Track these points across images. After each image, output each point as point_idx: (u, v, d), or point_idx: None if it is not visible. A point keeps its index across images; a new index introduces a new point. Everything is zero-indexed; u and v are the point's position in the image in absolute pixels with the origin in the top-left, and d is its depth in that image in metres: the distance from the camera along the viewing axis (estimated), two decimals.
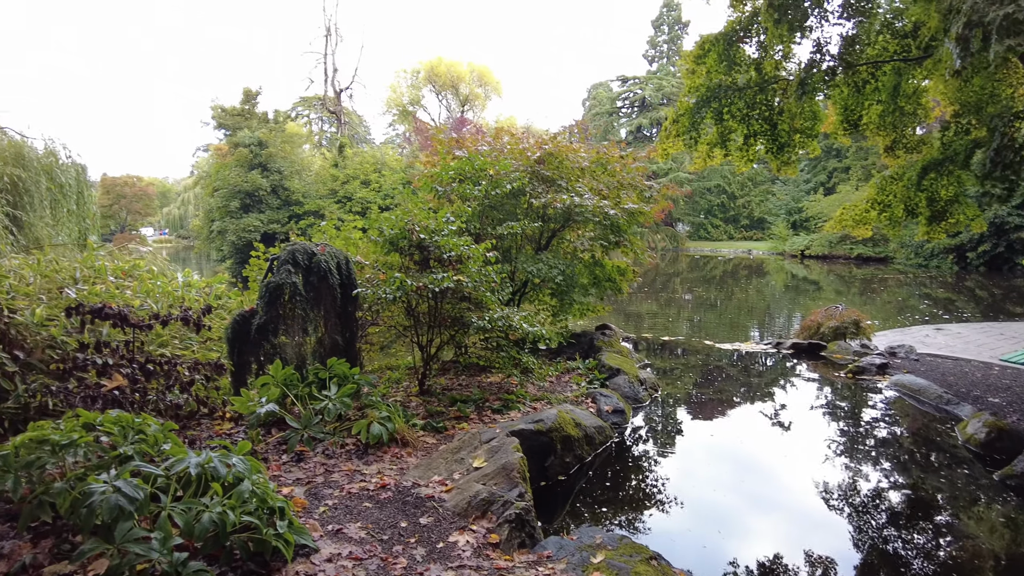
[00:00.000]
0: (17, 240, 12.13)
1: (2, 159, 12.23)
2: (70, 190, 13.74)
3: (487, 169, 8.37)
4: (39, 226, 13.06)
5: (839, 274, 29.51)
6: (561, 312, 9.53)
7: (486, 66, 53.91)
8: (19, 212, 12.32)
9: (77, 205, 13.88)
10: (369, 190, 29.52)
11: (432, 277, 5.70)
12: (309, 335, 5.85)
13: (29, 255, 10.88)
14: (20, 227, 12.41)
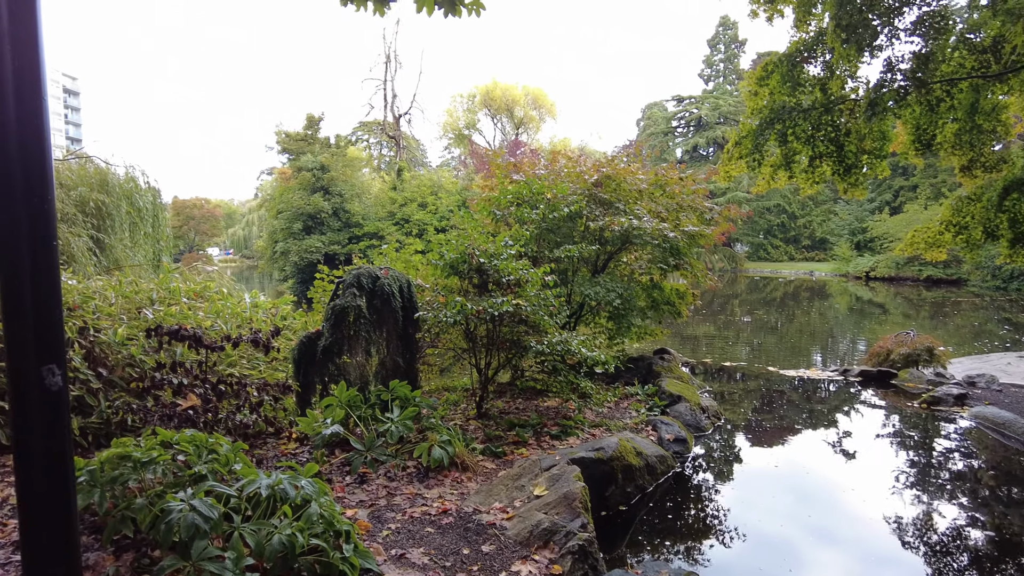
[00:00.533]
0: (100, 261, 12.84)
1: (89, 186, 13.02)
2: (147, 213, 14.50)
3: (544, 193, 8.41)
4: (119, 248, 13.80)
5: (907, 297, 28.27)
6: (618, 335, 9.42)
7: (540, 89, 54.51)
8: (102, 235, 13.06)
9: (153, 228, 14.62)
10: (426, 212, 30.07)
11: (491, 301, 5.74)
12: (372, 356, 5.96)
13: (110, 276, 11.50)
14: (102, 249, 13.14)
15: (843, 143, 8.45)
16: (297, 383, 5.39)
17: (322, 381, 5.76)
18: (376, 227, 30.11)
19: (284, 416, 5.53)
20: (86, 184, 13.17)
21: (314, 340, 5.69)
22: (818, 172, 9.05)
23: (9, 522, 3.73)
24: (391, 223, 30.37)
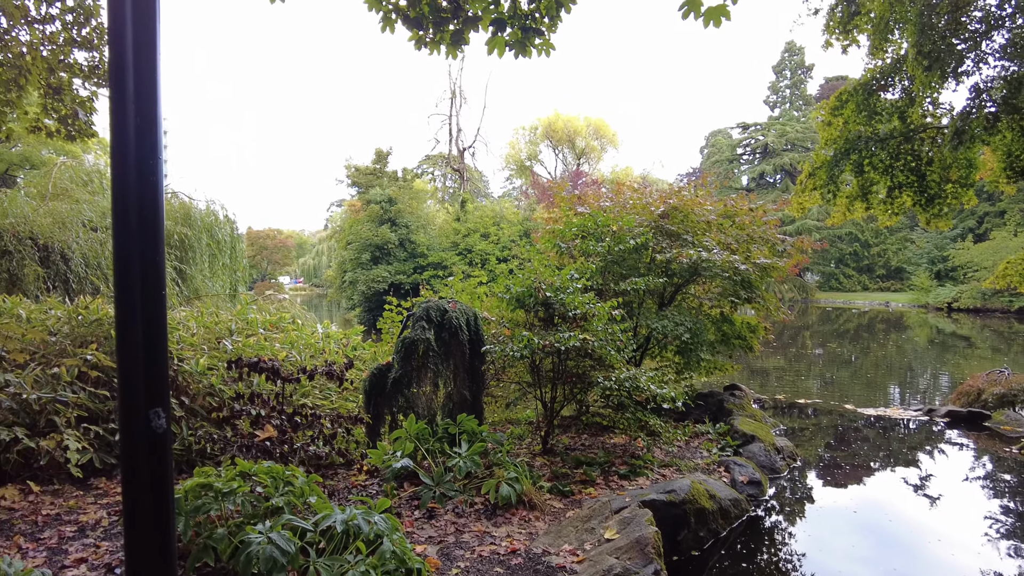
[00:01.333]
0: (181, 291, 13.54)
1: (174, 219, 13.81)
2: (225, 245, 15.24)
3: (610, 225, 8.37)
4: (198, 278, 14.53)
5: (996, 330, 26.51)
6: (686, 370, 9.20)
7: (602, 119, 54.71)
8: (184, 266, 13.78)
9: (230, 259, 15.33)
10: (488, 242, 30.44)
11: (558, 336, 5.71)
12: (439, 389, 6.01)
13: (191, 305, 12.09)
14: (184, 279, 13.86)
15: (925, 172, 8.08)
16: (368, 415, 5.48)
17: (391, 412, 5.83)
18: (440, 257, 30.66)
19: (355, 448, 5.62)
20: (172, 218, 13.96)
21: (384, 372, 5.79)
22: (897, 203, 8.67)
23: (101, 544, 3.91)
24: (454, 253, 30.87)
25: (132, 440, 1.58)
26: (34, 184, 16.49)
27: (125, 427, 1.59)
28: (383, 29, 5.09)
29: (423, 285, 11.47)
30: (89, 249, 11.94)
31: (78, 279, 11.77)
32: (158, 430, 1.59)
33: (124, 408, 1.59)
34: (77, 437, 5.02)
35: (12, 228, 11.31)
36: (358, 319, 31.25)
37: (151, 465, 1.60)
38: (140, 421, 1.57)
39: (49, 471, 4.97)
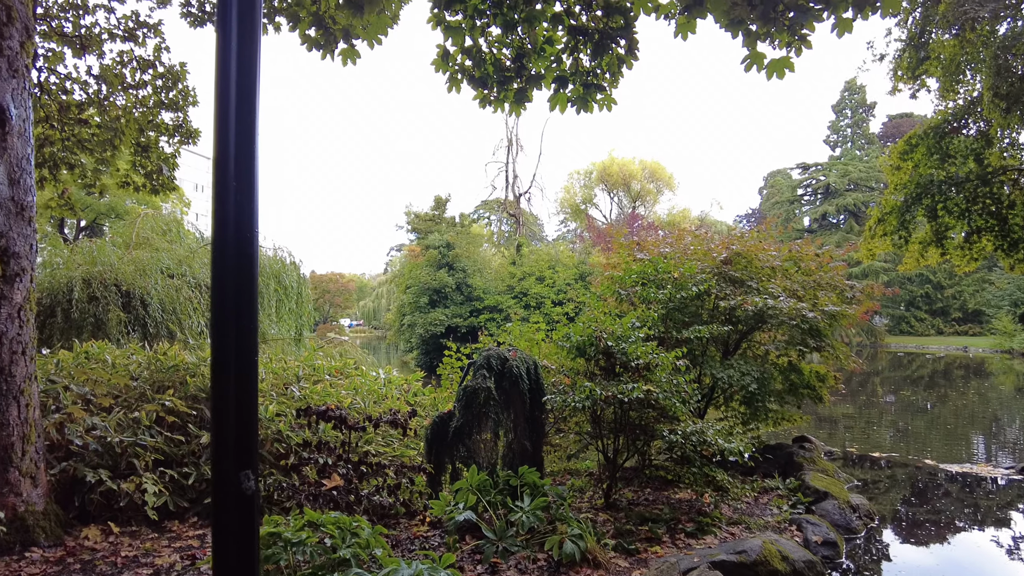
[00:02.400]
0: None
1: None
2: (291, 290, 15.79)
3: (671, 272, 8.29)
4: (265, 322, 15.06)
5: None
6: (752, 420, 8.89)
7: (657, 162, 54.70)
8: None
9: (296, 304, 15.86)
10: (543, 286, 30.53)
11: (621, 387, 5.63)
12: (500, 439, 5.99)
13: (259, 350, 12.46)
14: None
15: (1006, 216, 7.70)
16: (430, 464, 5.49)
17: (452, 462, 5.84)
18: (496, 300, 30.90)
19: (417, 498, 5.62)
20: None
21: (446, 421, 5.82)
22: (976, 248, 8.28)
23: None
24: (510, 296, 31.06)
25: (223, 499, 1.65)
26: (119, 233, 17.60)
27: (218, 487, 1.66)
28: (449, 89, 5.29)
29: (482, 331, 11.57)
30: (166, 295, 12.58)
31: (155, 323, 12.38)
32: (247, 492, 1.65)
33: (217, 470, 1.67)
34: (154, 480, 5.21)
35: (100, 275, 12.05)
36: (416, 362, 31.63)
37: (239, 523, 1.66)
38: (231, 482, 1.64)
39: (128, 512, 5.16)
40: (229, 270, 1.67)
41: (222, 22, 1.73)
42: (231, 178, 1.67)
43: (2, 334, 4.50)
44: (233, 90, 1.69)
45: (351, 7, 5.33)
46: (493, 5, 5.18)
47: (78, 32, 10.08)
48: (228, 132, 1.69)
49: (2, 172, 4.62)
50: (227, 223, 1.67)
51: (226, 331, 1.66)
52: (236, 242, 1.67)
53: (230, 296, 1.66)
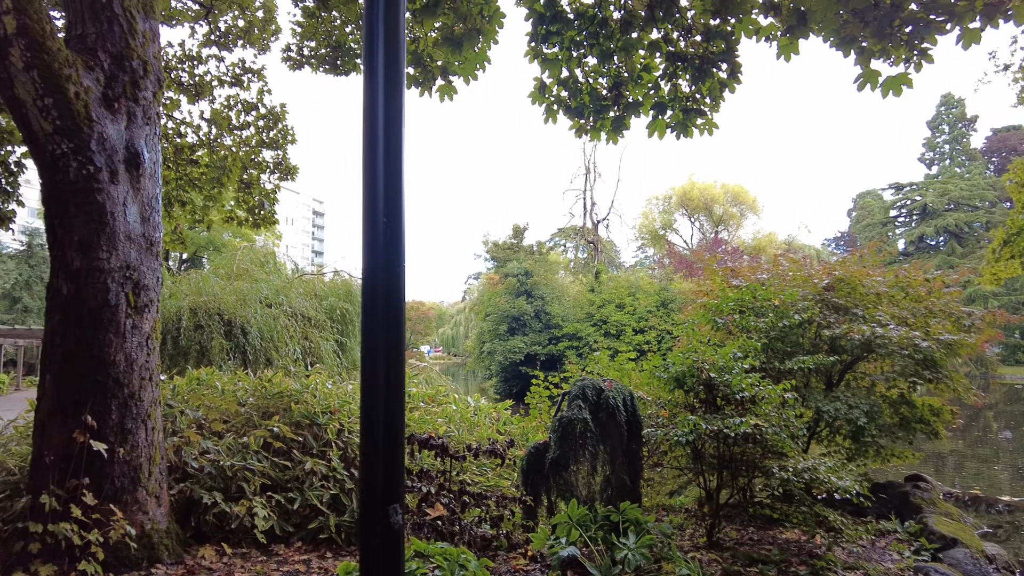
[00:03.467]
0: (341, 362, 14.52)
1: (337, 295, 15.00)
2: None
3: (771, 299, 7.96)
4: (356, 350, 15.52)
5: None
6: (858, 456, 8.34)
7: (740, 185, 53.34)
8: (344, 339, 14.82)
9: None
10: (624, 313, 30.09)
11: (728, 421, 5.40)
12: (597, 473, 5.85)
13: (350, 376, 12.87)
14: (344, 351, 14.88)
15: None
16: (530, 496, 5.42)
17: (548, 495, 5.74)
18: (575, 328, 30.68)
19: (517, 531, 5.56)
20: (335, 294, 15.18)
21: (542, 452, 5.74)
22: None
23: None
24: (589, 324, 30.77)
25: (372, 532, 1.65)
26: (220, 265, 18.69)
27: (366, 520, 1.67)
28: (546, 120, 5.33)
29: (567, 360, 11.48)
30: (264, 324, 13.20)
31: (254, 351, 13.00)
32: (395, 525, 1.65)
33: (365, 504, 1.67)
34: (263, 504, 5.39)
35: (204, 305, 12.80)
36: (495, 389, 31.72)
37: (386, 557, 1.66)
38: (380, 516, 1.64)
39: (238, 534, 5.34)
40: (379, 304, 1.69)
41: (369, 67, 1.79)
42: (380, 214, 1.70)
43: (133, 361, 4.81)
44: (381, 130, 1.74)
45: (449, 44, 5.48)
46: (590, 36, 5.20)
47: (193, 80, 10.90)
48: (376, 170, 1.73)
49: (135, 211, 4.98)
50: (377, 257, 1.70)
51: (376, 366, 1.68)
52: (386, 276, 1.70)
53: (380, 330, 1.69)
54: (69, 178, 4.69)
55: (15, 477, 5.65)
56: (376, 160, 1.73)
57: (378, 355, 1.67)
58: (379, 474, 1.64)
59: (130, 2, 5.26)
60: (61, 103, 4.62)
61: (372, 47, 1.76)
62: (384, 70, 1.75)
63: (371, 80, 1.76)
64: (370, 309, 1.70)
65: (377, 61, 1.75)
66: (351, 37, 9.74)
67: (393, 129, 1.75)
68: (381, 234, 1.70)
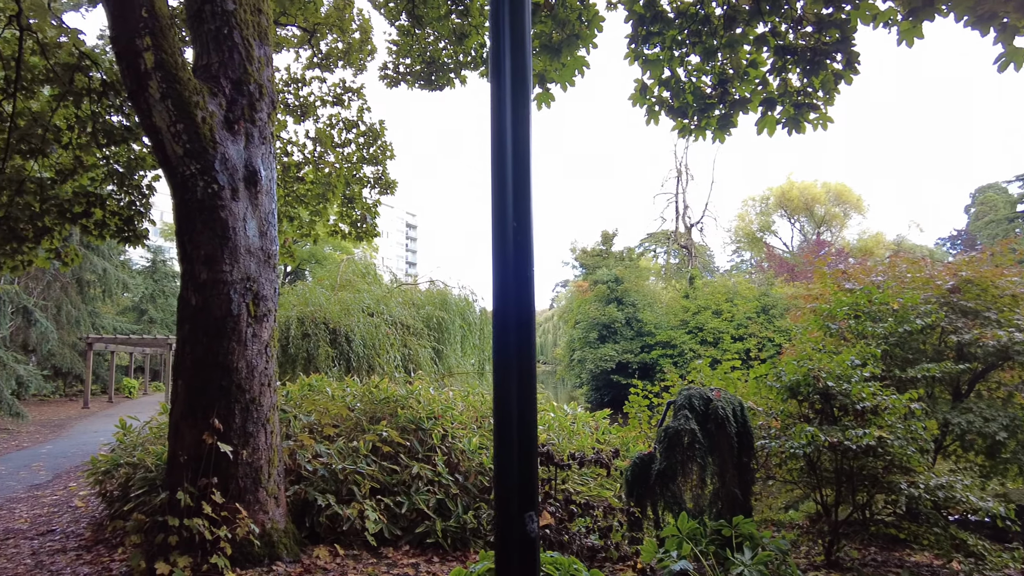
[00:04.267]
0: (438, 368, 14.83)
1: (433, 304, 15.36)
2: (475, 326, 16.49)
3: (889, 303, 7.43)
4: (451, 357, 15.83)
5: None
6: (994, 474, 7.63)
7: (843, 183, 50.43)
8: (441, 346, 15.14)
9: (479, 339, 16.50)
10: (721, 320, 29.08)
11: (850, 433, 5.07)
12: (706, 484, 5.64)
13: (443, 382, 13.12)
14: (440, 357, 15.19)
15: None
16: (635, 507, 5.30)
17: (654, 506, 5.59)
18: (668, 336, 29.93)
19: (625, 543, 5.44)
20: (431, 303, 15.55)
21: (647, 463, 5.59)
22: None
23: None
24: (684, 331, 29.93)
25: (508, 540, 1.64)
26: (323, 276, 19.61)
27: (502, 528, 1.65)
28: (648, 122, 5.22)
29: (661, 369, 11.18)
30: (367, 332, 13.70)
31: (357, 358, 13.50)
32: (531, 533, 1.62)
33: (501, 512, 1.66)
34: (372, 507, 5.55)
35: (311, 315, 13.45)
36: (586, 397, 31.45)
37: (522, 565, 1.64)
38: (515, 524, 1.62)
39: (350, 536, 5.53)
40: (510, 310, 1.68)
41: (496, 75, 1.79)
42: (510, 218, 1.70)
43: (254, 368, 5.09)
44: (509, 135, 1.74)
45: (547, 52, 5.49)
46: (692, 35, 5.06)
47: (298, 101, 11.52)
48: (505, 174, 1.73)
49: (254, 226, 5.29)
50: (507, 261, 1.69)
51: (508, 374, 1.67)
52: (516, 281, 1.69)
53: (512, 336, 1.67)
54: (196, 196, 5.04)
55: (152, 474, 6.13)
56: (504, 164, 1.73)
57: (510, 361, 1.66)
58: (514, 481, 1.63)
59: (248, 31, 5.62)
60: (190, 128, 4.97)
61: (499, 55, 1.77)
62: (511, 77, 1.75)
63: (498, 87, 1.76)
64: (501, 315, 1.69)
65: (504, 68, 1.76)
66: (444, 52, 10.00)
67: (520, 133, 1.75)
68: (511, 239, 1.69)
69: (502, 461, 1.66)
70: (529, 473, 1.64)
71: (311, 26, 10.96)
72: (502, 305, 1.69)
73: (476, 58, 9.75)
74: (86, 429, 16.60)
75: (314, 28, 11.02)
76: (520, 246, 1.69)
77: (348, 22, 11.26)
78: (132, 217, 8.34)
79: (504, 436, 1.66)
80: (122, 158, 8.53)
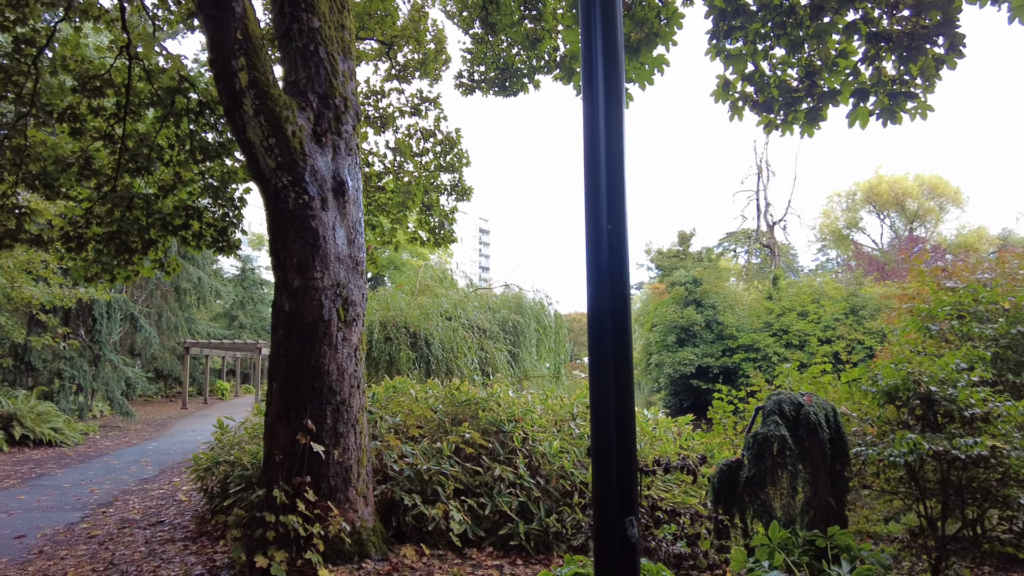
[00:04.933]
0: (514, 371, 14.93)
1: (508, 308, 15.48)
2: (550, 330, 16.50)
3: (999, 301, 6.91)
4: (527, 360, 15.88)
5: None
6: None
7: (937, 175, 47.23)
8: (516, 349, 15.23)
9: (555, 342, 16.51)
10: (807, 322, 27.82)
11: (958, 441, 4.75)
12: (797, 493, 5.41)
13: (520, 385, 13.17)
14: (516, 361, 15.28)
15: None
16: (724, 515, 5.15)
17: (741, 514, 5.41)
18: (751, 339, 28.89)
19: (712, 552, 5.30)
20: (507, 307, 15.67)
21: (734, 469, 5.43)
22: None
23: None
24: (767, 334, 28.81)
25: (607, 545, 1.63)
26: (402, 282, 20.11)
27: (601, 533, 1.65)
28: (731, 118, 5.08)
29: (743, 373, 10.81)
30: (445, 335, 13.96)
31: (436, 361, 13.77)
32: (631, 538, 1.61)
33: (600, 516, 1.66)
34: (457, 508, 5.64)
35: (392, 319, 13.82)
36: (663, 402, 30.80)
37: (623, 569, 1.63)
38: (615, 529, 1.61)
39: (435, 536, 5.63)
40: (605, 313, 1.68)
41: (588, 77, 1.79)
42: (604, 220, 1.69)
43: (344, 370, 5.29)
44: (602, 136, 1.73)
45: (626, 52, 5.43)
46: (776, 27, 4.89)
47: (378, 113, 11.88)
48: (599, 175, 1.73)
49: (343, 235, 5.49)
50: (601, 268, 1.69)
51: (605, 377, 1.66)
52: (611, 285, 1.68)
53: (608, 340, 1.67)
54: (288, 207, 5.28)
55: (248, 472, 6.46)
56: (598, 166, 1.72)
57: (607, 364, 1.66)
58: (613, 485, 1.62)
59: (333, 47, 5.85)
60: (282, 141, 5.23)
61: (591, 59, 1.77)
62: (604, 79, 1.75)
63: (590, 90, 1.76)
64: (596, 318, 1.69)
65: (596, 72, 1.76)
66: (518, 58, 10.08)
67: (614, 136, 1.74)
68: (605, 241, 1.69)
69: (600, 464, 1.65)
70: (628, 477, 1.63)
71: (388, 39, 11.30)
72: (597, 309, 1.69)
73: (549, 62, 9.78)
74: (185, 428, 17.70)
75: (391, 41, 11.35)
76: (615, 248, 1.69)
77: (423, 33, 11.54)
78: (226, 228, 8.84)
79: (602, 439, 1.65)
80: (216, 173, 9.07)
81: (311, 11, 5.68)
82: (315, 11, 5.70)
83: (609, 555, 1.62)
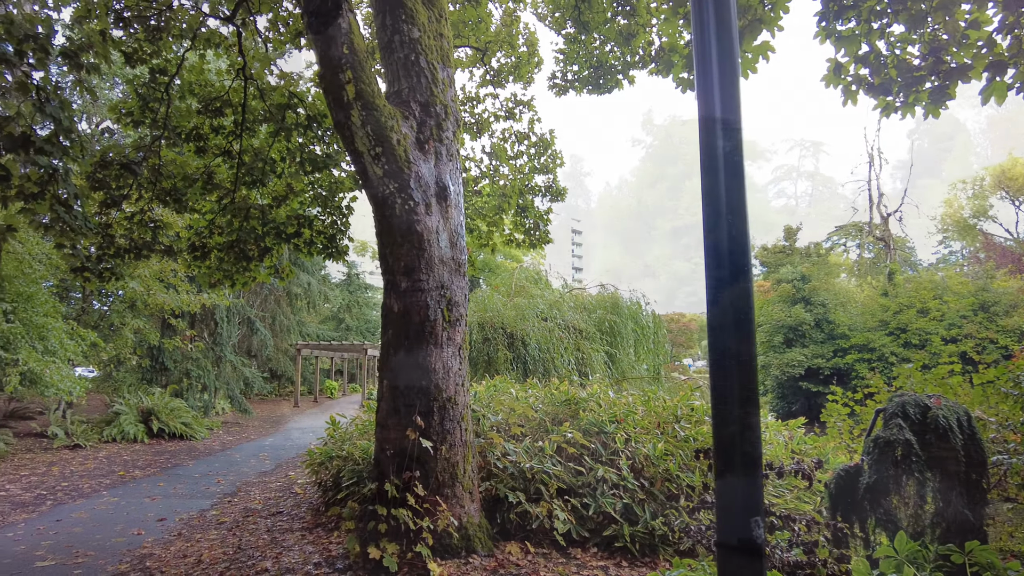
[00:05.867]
0: (611, 372, 14.77)
1: (604, 308, 15.34)
2: (648, 331, 16.19)
3: None
4: (624, 361, 15.67)
5: None
6: None
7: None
8: (613, 349, 15.07)
9: (653, 343, 16.19)
10: (928, 320, 25.76)
11: None
12: (926, 503, 5.03)
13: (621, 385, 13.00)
14: (613, 361, 15.12)
15: None
16: (844, 523, 4.87)
17: (861, 523, 5.09)
18: (865, 338, 27.09)
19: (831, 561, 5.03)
20: (603, 307, 15.54)
21: (853, 475, 5.12)
22: None
23: None
24: (883, 333, 26.91)
25: (732, 546, 1.59)
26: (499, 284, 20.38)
27: (725, 533, 1.61)
28: (844, 103, 4.81)
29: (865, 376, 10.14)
30: (541, 336, 14.03)
31: (533, 361, 13.86)
32: (757, 539, 1.56)
33: (723, 517, 1.62)
34: (560, 507, 5.66)
35: (490, 320, 14.04)
36: (770, 405, 29.46)
37: (748, 571, 1.58)
38: (741, 529, 1.57)
39: (538, 534, 5.68)
40: (727, 308, 1.65)
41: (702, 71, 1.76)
42: (724, 212, 1.66)
43: (449, 369, 5.44)
44: (719, 129, 1.70)
45: None
46: (894, 2, 4.58)
47: (473, 119, 12.12)
48: (717, 167, 1.69)
49: (446, 238, 5.66)
50: (721, 255, 1.66)
51: (727, 375, 1.63)
52: (731, 274, 1.64)
53: (730, 337, 1.63)
54: (395, 213, 5.50)
55: (359, 467, 6.76)
56: (715, 156, 1.69)
57: (729, 361, 1.62)
58: (737, 485, 1.58)
59: (432, 56, 6.03)
60: (388, 150, 5.44)
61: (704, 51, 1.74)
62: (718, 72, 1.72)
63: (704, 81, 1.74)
64: (717, 315, 1.65)
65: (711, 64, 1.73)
66: (611, 55, 9.99)
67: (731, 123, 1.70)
68: (725, 233, 1.65)
69: (723, 464, 1.61)
70: (753, 477, 1.59)
71: (482, 44, 11.50)
72: (717, 304, 1.65)
73: (644, 57, 9.61)
74: (298, 425, 18.77)
75: (485, 46, 11.55)
76: (735, 239, 1.65)
77: (515, 37, 11.66)
78: (335, 235, 9.31)
79: (723, 438, 1.62)
80: (325, 183, 9.58)
81: (411, 22, 5.89)
82: (415, 22, 5.91)
83: (733, 556, 1.59)
